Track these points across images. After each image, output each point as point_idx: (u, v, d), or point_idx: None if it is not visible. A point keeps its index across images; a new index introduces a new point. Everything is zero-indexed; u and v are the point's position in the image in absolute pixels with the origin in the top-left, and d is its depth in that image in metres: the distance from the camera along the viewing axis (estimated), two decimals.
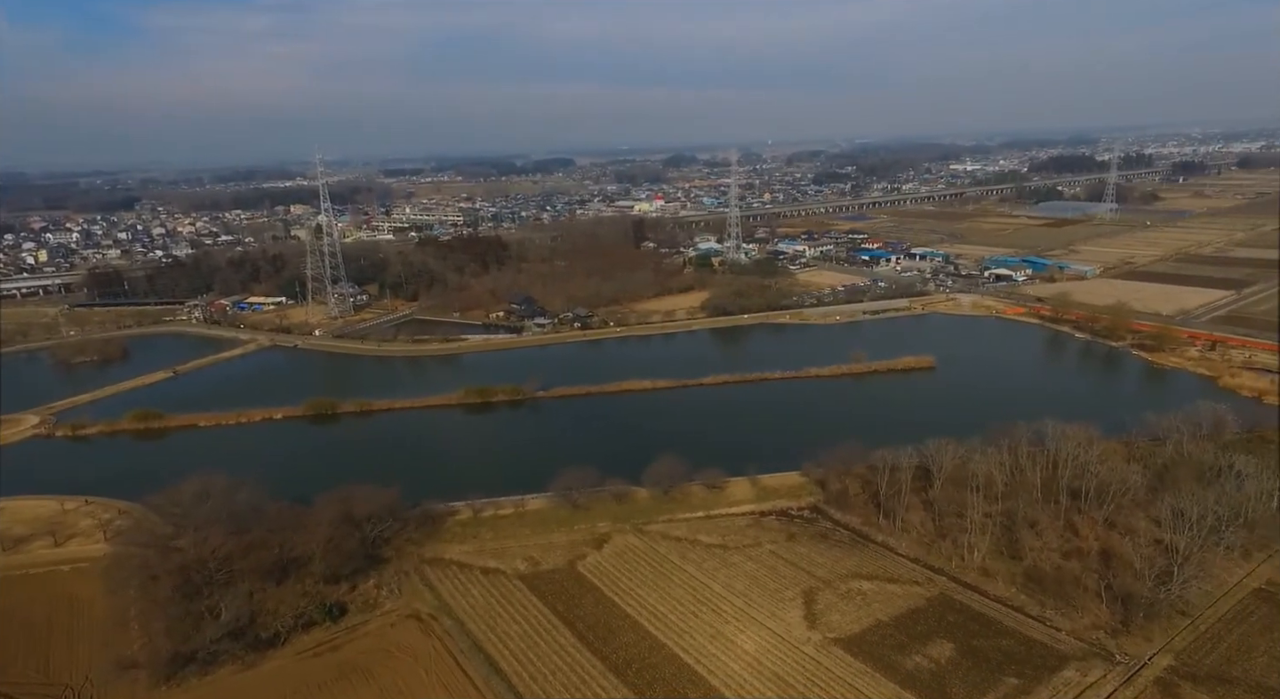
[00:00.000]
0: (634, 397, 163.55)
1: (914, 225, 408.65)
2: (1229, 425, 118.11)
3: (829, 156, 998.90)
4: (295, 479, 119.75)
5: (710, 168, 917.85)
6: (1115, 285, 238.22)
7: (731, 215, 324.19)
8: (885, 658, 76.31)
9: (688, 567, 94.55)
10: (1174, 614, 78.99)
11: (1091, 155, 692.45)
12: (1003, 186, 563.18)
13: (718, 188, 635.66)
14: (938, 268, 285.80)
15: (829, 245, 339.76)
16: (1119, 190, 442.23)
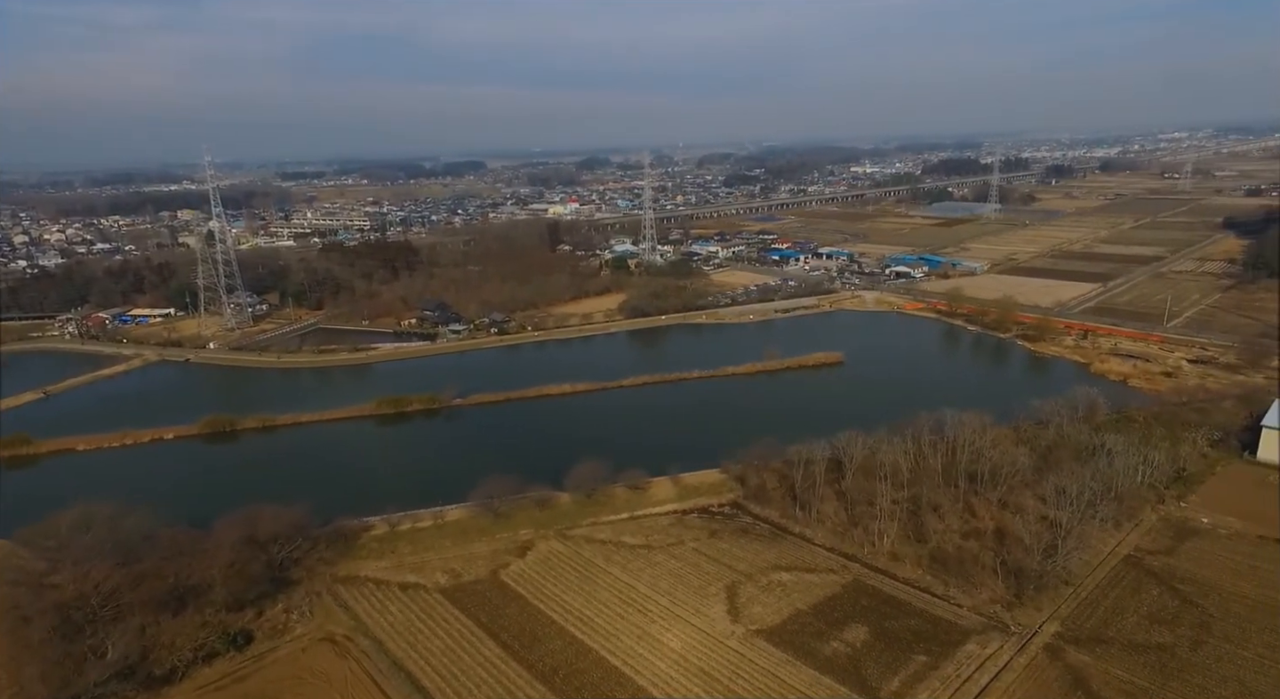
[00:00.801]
0: (554, 401, 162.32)
1: (820, 225, 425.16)
2: (1100, 408, 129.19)
3: (738, 159, 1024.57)
4: (192, 502, 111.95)
5: (624, 170, 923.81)
6: (1001, 280, 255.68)
7: (646, 217, 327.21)
8: (805, 645, 78.90)
9: (613, 569, 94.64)
10: (1059, 584, 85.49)
11: (977, 159, 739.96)
12: (899, 188, 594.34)
13: (631, 190, 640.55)
14: (843, 266, 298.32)
15: (741, 246, 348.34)
16: (1001, 192, 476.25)
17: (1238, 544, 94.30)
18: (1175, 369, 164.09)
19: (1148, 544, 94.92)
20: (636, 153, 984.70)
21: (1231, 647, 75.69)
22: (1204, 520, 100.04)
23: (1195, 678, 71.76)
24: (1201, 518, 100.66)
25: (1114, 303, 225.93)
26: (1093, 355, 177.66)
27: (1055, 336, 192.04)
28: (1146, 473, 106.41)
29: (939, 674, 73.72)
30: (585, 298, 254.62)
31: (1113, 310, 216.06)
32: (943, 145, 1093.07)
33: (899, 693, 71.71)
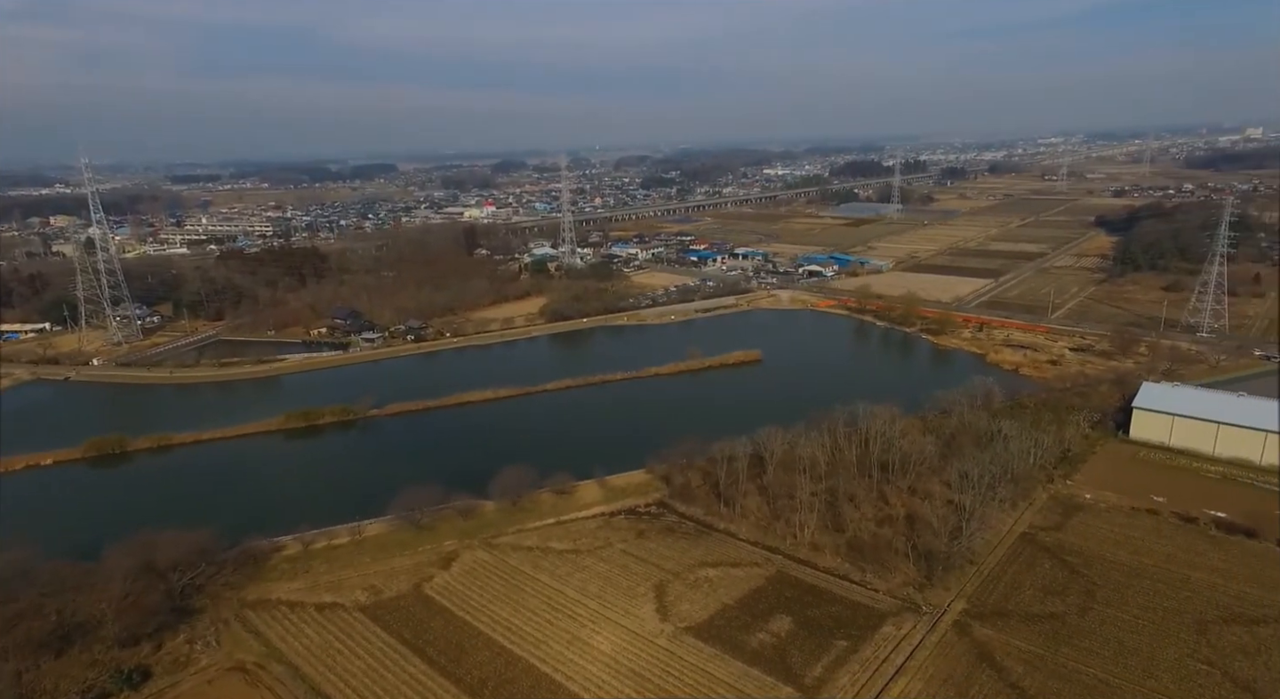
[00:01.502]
0: (476, 408, 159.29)
1: (736, 226, 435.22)
2: (996, 395, 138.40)
3: (654, 161, 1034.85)
4: (78, 532, 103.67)
5: (540, 173, 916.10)
6: (905, 277, 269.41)
7: (565, 220, 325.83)
8: (732, 639, 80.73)
9: (540, 575, 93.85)
10: (965, 564, 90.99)
11: (879, 161, 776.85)
12: (809, 189, 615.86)
13: (549, 193, 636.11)
14: (759, 266, 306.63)
15: (660, 247, 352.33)
16: (902, 193, 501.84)
17: (1115, 516, 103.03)
18: (1059, 357, 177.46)
19: (1040, 521, 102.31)
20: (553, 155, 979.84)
21: (1112, 611, 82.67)
22: (1087, 496, 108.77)
23: (1083, 642, 77.97)
24: (1085, 494, 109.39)
25: (1005, 297, 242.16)
26: (988, 346, 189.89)
27: (955, 330, 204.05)
28: (1037, 455, 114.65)
29: (859, 657, 77.04)
30: (505, 302, 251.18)
31: (1004, 304, 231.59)
32: (848, 148, 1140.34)
33: (822, 678, 74.48)
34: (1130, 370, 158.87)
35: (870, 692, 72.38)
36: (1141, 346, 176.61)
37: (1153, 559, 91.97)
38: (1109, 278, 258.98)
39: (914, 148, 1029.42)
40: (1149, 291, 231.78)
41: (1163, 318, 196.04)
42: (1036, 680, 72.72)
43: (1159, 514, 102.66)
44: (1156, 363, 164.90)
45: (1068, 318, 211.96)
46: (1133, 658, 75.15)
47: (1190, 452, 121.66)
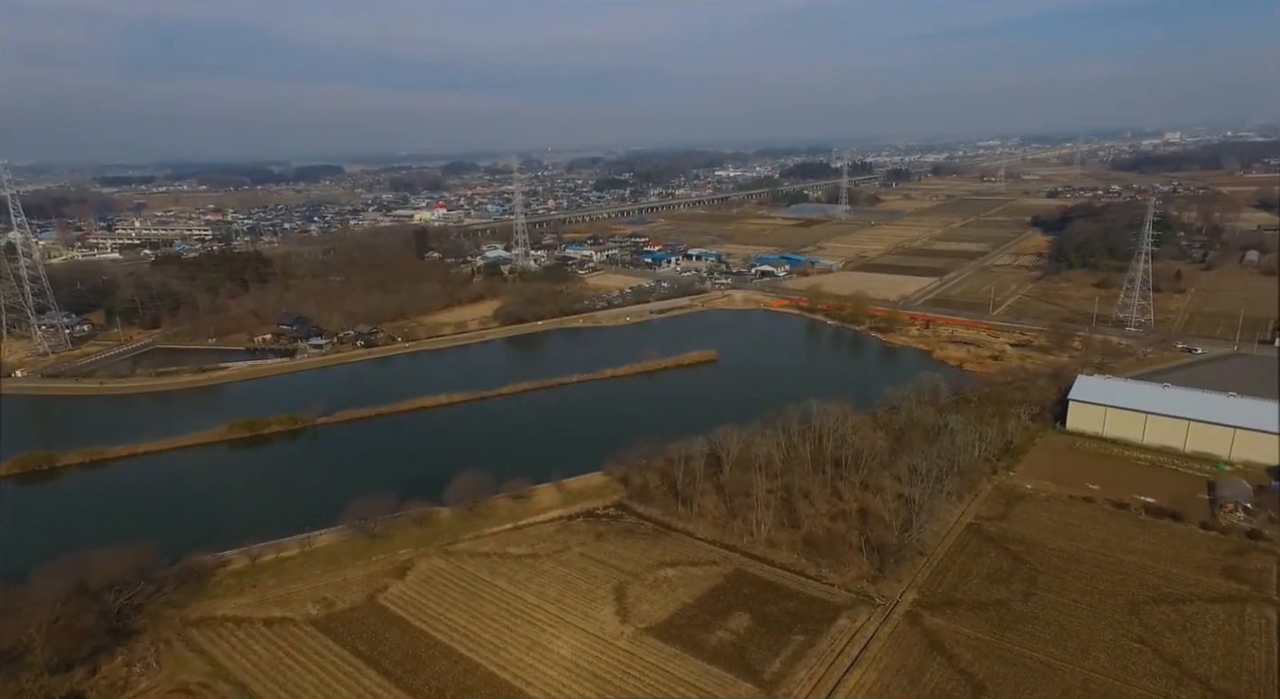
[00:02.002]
0: (430, 413, 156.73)
1: (689, 228, 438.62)
2: (943, 391, 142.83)
3: (607, 163, 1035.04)
4: (2, 554, 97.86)
5: (492, 175, 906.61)
6: (854, 277, 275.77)
7: (518, 222, 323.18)
8: (692, 638, 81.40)
9: (498, 581, 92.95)
10: (915, 555, 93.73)
11: (828, 163, 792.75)
12: (760, 191, 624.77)
13: (501, 195, 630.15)
14: (712, 267, 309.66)
15: (614, 249, 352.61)
16: (850, 194, 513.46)
17: (1054, 505, 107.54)
18: (1001, 353, 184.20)
19: (985, 512, 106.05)
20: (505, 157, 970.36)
21: (1053, 596, 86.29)
22: (1028, 486, 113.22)
23: (1026, 627, 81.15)
24: (1026, 484, 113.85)
25: (949, 295, 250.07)
26: (934, 343, 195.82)
27: (902, 327, 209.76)
28: (982, 448, 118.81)
29: (815, 651, 78.57)
30: (458, 306, 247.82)
31: (948, 301, 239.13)
32: (797, 150, 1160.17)
33: (780, 673, 75.70)
34: (1066, 364, 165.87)
35: (827, 684, 73.88)
36: (1076, 341, 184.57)
37: (1089, 545, 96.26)
38: (1045, 276, 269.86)
39: (861, 150, 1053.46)
40: (1081, 288, 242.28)
41: (1094, 313, 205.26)
42: (984, 666, 75.36)
43: (1094, 501, 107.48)
44: (1090, 357, 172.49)
45: (1008, 315, 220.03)
46: (1072, 640, 78.55)
47: (1121, 441, 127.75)
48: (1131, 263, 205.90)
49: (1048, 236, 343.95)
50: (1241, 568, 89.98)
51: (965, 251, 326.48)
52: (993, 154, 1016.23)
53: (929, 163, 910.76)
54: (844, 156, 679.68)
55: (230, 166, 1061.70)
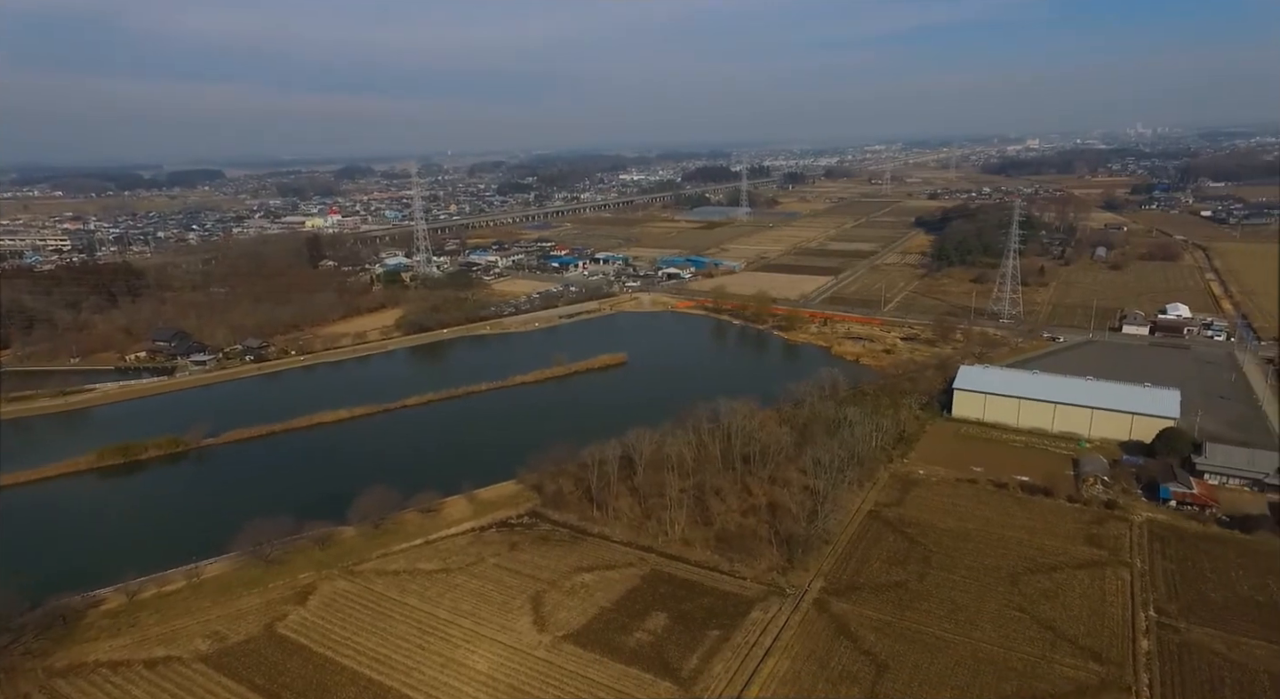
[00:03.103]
0: (330, 429, 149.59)
1: (595, 231, 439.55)
2: (841, 385, 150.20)
3: (510, 167, 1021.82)
4: None
5: (389, 179, 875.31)
6: (756, 277, 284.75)
7: (418, 228, 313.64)
8: (611, 641, 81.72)
9: (409, 599, 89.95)
10: (822, 544, 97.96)
11: (728, 166, 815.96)
12: (664, 194, 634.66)
13: (400, 200, 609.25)
14: (620, 270, 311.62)
15: (520, 254, 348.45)
16: (750, 197, 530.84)
17: (943, 488, 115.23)
18: (892, 347, 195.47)
19: (883, 498, 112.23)
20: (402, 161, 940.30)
21: (945, 574, 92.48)
22: (921, 472, 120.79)
23: (922, 605, 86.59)
24: (919, 470, 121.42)
25: (844, 292, 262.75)
26: (832, 339, 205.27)
27: (802, 325, 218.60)
28: (878, 437, 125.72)
29: (731, 644, 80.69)
30: (357, 316, 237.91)
31: (844, 299, 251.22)
32: (698, 154, 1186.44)
33: (698, 669, 77.25)
34: (950, 355, 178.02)
35: (743, 676, 76.02)
36: (958, 334, 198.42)
37: (975, 523, 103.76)
38: (929, 273, 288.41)
39: (758, 154, 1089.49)
40: (961, 284, 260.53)
41: (973, 307, 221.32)
42: (885, 645, 79.80)
43: (978, 483, 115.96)
44: (970, 348, 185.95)
45: (897, 310, 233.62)
46: (962, 614, 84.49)
47: (1000, 425, 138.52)
48: (1002, 260, 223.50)
49: (930, 236, 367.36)
50: (1101, 535, 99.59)
51: (857, 251, 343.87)
52: (879, 158, 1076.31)
53: (822, 166, 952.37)
54: (743, 160, 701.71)
55: (91, 171, 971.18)
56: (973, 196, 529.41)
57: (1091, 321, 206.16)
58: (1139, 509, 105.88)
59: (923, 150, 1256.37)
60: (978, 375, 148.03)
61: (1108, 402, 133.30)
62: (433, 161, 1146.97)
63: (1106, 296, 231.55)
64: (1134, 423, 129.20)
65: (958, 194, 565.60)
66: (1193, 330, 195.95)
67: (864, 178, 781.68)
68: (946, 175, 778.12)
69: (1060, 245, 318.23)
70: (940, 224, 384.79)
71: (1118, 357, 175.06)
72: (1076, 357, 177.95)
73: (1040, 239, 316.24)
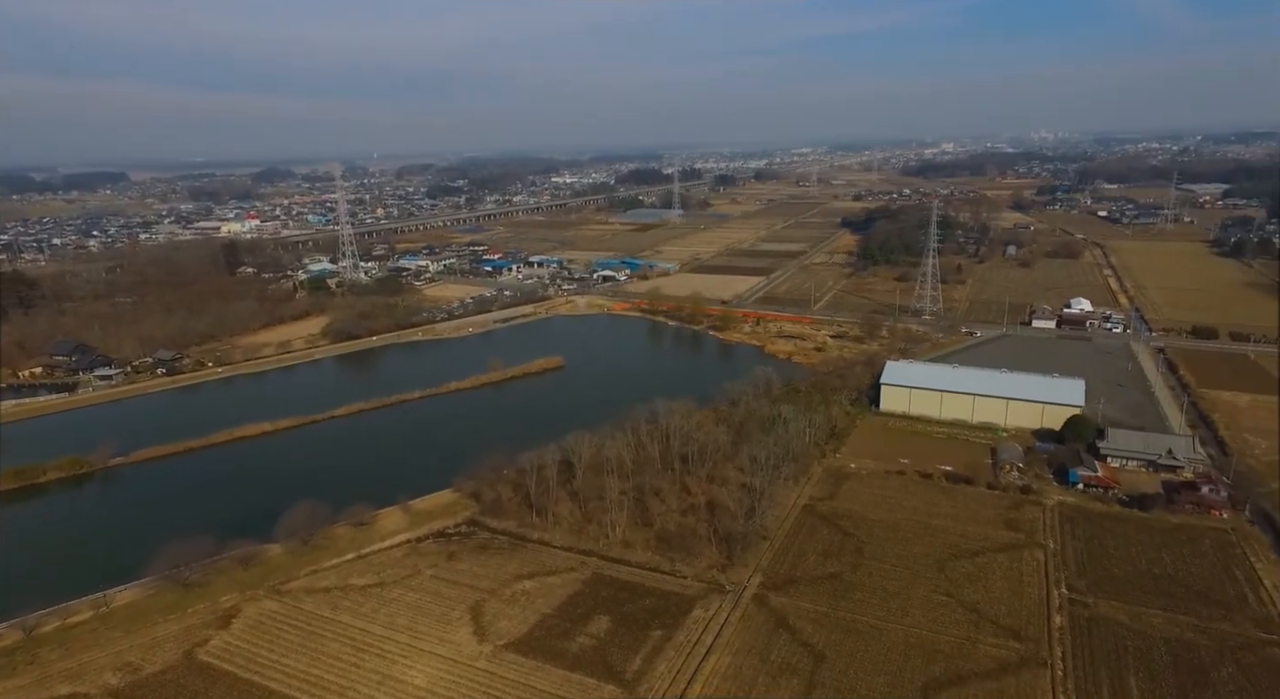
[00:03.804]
0: (253, 443, 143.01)
1: (529, 234, 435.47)
2: (775, 383, 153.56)
3: (439, 170, 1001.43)
4: None
5: (311, 182, 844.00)
6: (691, 278, 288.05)
7: (343, 233, 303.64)
8: (553, 647, 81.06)
9: (341, 616, 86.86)
10: (759, 541, 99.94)
11: (660, 169, 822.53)
12: (597, 197, 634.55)
13: (324, 204, 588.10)
14: (555, 273, 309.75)
15: (452, 258, 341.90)
16: (682, 199, 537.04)
17: (873, 480, 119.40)
18: (823, 345, 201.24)
19: (817, 493, 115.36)
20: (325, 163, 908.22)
21: (877, 563, 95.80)
22: (852, 466, 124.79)
23: (856, 595, 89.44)
24: (850, 464, 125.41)
25: (776, 292, 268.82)
26: (765, 338, 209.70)
27: (736, 325, 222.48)
28: (811, 433, 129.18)
29: (673, 644, 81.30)
30: (280, 324, 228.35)
31: (776, 298, 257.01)
32: (630, 157, 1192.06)
33: (641, 670, 77.50)
34: (877, 352, 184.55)
35: (685, 674, 76.71)
36: (884, 330, 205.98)
37: (903, 513, 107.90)
38: (855, 272, 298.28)
39: (690, 156, 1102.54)
40: (886, 282, 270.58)
41: (897, 304, 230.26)
42: (822, 635, 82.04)
43: (905, 474, 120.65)
44: (896, 344, 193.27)
45: (827, 309, 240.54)
46: (893, 601, 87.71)
47: (924, 418, 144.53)
48: (923, 259, 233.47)
49: (855, 236, 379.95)
50: (1018, 519, 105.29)
51: (787, 251, 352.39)
52: (805, 160, 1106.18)
53: (751, 168, 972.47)
54: (675, 163, 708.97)
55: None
56: (894, 198, 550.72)
57: (1005, 317, 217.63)
58: (1051, 493, 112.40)
59: (847, 153, 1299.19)
60: (903, 371, 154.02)
61: (1021, 392, 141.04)
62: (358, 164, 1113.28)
63: (1017, 292, 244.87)
64: (1044, 412, 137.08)
65: (880, 195, 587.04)
66: (1094, 323, 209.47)
67: (792, 180, 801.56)
68: (869, 177, 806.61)
69: (975, 244, 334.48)
70: (865, 224, 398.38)
71: (1029, 349, 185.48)
72: (992, 350, 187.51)
73: (957, 238, 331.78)
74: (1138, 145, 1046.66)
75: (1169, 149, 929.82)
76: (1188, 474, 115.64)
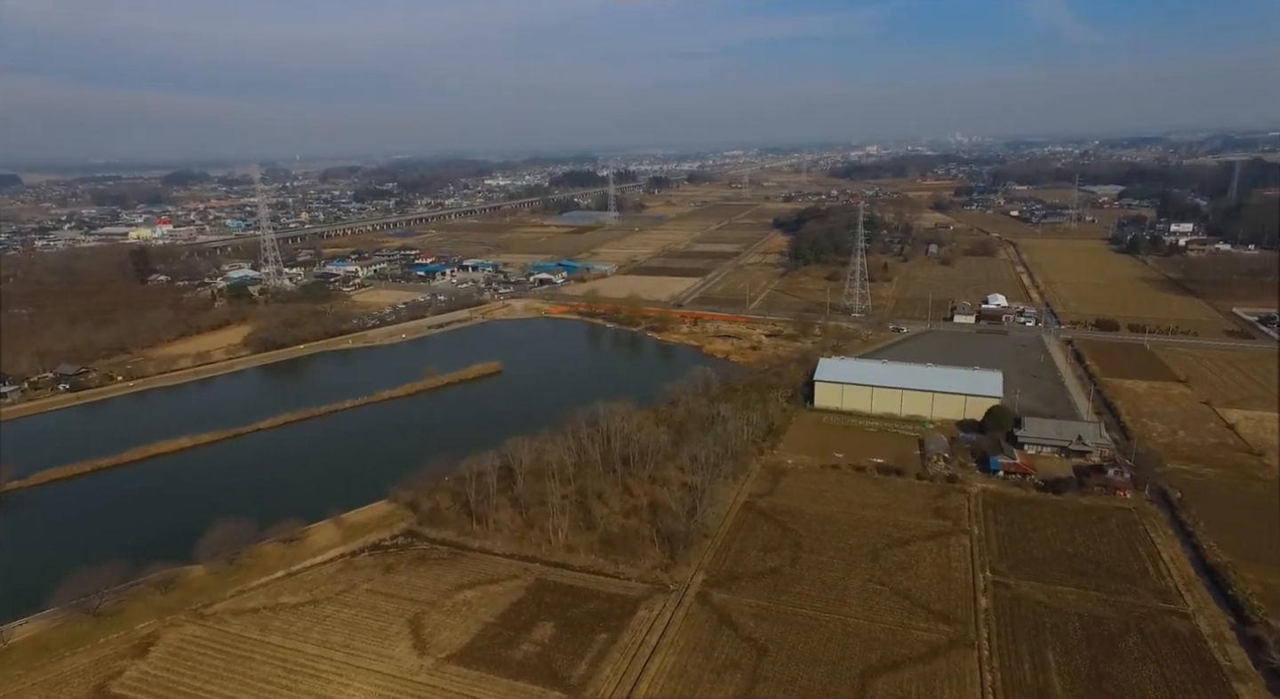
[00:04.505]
0: (170, 460, 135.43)
1: (462, 238, 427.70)
2: (713, 382, 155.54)
3: (367, 172, 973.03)
4: None
5: (229, 186, 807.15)
6: (628, 280, 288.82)
7: (265, 238, 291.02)
8: (496, 657, 79.78)
9: (271, 638, 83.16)
10: (701, 539, 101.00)
11: (595, 171, 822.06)
12: (532, 199, 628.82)
13: (243, 208, 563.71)
14: (490, 277, 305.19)
15: (382, 263, 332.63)
16: (618, 201, 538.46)
17: (810, 475, 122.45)
18: (758, 343, 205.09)
19: (756, 489, 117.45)
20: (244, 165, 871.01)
21: (815, 556, 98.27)
22: (789, 461, 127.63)
23: (796, 588, 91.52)
24: (787, 460, 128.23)
25: (712, 292, 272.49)
26: (703, 338, 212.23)
27: (674, 326, 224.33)
28: (749, 431, 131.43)
29: (619, 646, 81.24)
30: (197, 335, 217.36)
31: (712, 299, 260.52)
32: (565, 159, 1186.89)
33: (587, 675, 77.12)
34: (810, 350, 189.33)
35: (631, 676, 76.75)
36: (816, 328, 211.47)
37: (839, 506, 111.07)
38: (787, 271, 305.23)
39: (624, 158, 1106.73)
40: (817, 281, 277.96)
41: (828, 303, 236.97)
42: (764, 630, 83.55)
43: (840, 468, 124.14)
44: (828, 341, 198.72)
45: (761, 308, 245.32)
46: (831, 592, 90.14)
47: (856, 412, 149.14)
48: (851, 258, 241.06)
49: (787, 236, 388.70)
50: (945, 507, 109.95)
51: (722, 252, 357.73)
52: (737, 163, 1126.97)
53: (685, 170, 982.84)
54: (609, 165, 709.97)
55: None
56: (823, 199, 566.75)
57: (929, 313, 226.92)
58: (974, 481, 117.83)
59: (777, 155, 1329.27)
60: (835, 367, 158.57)
61: (945, 385, 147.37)
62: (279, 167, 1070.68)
63: (940, 289, 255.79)
64: (967, 403, 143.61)
65: (810, 196, 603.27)
66: (1009, 318, 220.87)
67: (724, 182, 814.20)
68: (799, 179, 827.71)
69: (900, 243, 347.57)
70: (796, 225, 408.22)
71: (951, 344, 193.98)
72: (918, 345, 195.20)
73: (883, 238, 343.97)
74: (1044, 149, 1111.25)
75: (1071, 152, 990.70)
76: (1095, 458, 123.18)
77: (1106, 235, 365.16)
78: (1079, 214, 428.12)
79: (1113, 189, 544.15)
